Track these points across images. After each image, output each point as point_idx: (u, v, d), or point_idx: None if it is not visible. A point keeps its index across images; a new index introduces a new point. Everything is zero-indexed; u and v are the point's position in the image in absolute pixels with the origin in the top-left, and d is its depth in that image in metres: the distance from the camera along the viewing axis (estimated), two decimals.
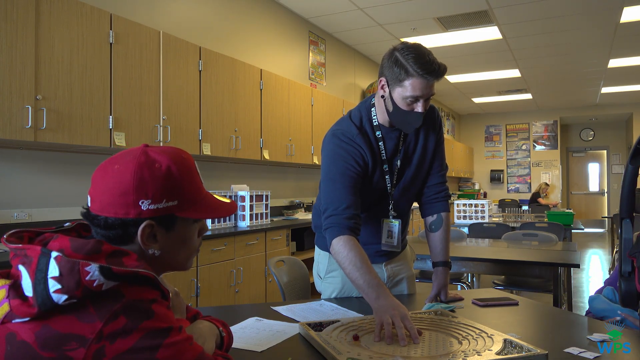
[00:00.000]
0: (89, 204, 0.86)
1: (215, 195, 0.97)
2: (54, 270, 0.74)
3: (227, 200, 0.98)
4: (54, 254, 0.75)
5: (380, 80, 1.58)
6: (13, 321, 0.75)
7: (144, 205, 0.84)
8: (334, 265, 1.82)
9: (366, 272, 1.45)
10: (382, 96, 1.60)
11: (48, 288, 0.73)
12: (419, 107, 1.54)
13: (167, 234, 0.89)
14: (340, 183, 1.59)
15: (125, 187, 0.83)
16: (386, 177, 1.70)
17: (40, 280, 0.74)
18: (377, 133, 1.68)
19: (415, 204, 1.89)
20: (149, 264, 0.88)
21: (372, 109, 1.69)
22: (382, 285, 1.43)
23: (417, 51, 1.50)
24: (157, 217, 0.86)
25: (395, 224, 1.74)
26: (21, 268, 0.77)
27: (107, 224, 0.84)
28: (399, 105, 1.55)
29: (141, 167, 0.84)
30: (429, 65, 1.48)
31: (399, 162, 1.71)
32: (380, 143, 1.68)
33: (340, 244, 1.52)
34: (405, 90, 1.51)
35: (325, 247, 1.85)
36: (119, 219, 0.83)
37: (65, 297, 0.73)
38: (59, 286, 0.73)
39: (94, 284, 0.74)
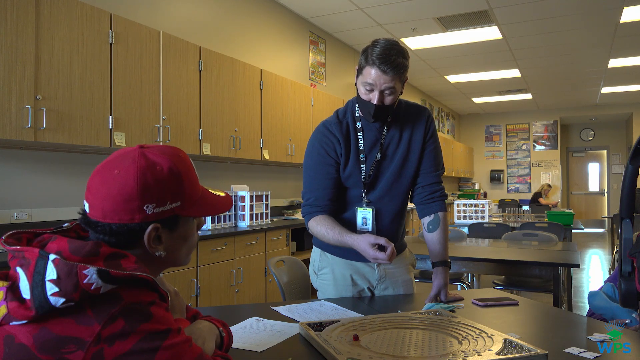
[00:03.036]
0: (87, 210, 0.85)
1: (210, 190, 0.97)
2: (51, 273, 0.74)
3: (222, 194, 0.99)
4: (52, 256, 0.75)
5: (356, 69, 1.70)
6: (11, 323, 0.74)
7: (149, 209, 0.83)
8: (324, 262, 1.85)
9: (335, 233, 1.66)
10: (356, 83, 1.70)
11: (45, 291, 0.73)
12: (374, 99, 1.62)
13: (171, 234, 0.89)
14: (314, 174, 1.75)
15: (129, 193, 0.82)
16: (362, 166, 1.74)
17: (37, 283, 0.74)
18: (358, 124, 1.76)
19: (413, 205, 1.89)
20: (150, 264, 0.88)
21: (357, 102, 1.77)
22: (346, 235, 1.63)
23: (385, 45, 1.58)
24: (162, 219, 0.86)
25: (369, 211, 1.76)
26: (19, 270, 0.77)
27: (112, 231, 0.83)
28: (360, 94, 1.66)
29: (143, 171, 0.83)
30: (383, 57, 1.55)
31: (378, 155, 1.75)
32: (359, 134, 1.75)
33: (314, 223, 1.73)
34: (363, 77, 1.62)
35: (318, 244, 1.87)
36: (124, 225, 0.83)
37: (62, 300, 0.73)
38: (56, 289, 0.73)
39: (92, 287, 0.74)
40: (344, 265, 1.83)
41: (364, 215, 1.76)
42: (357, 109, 1.76)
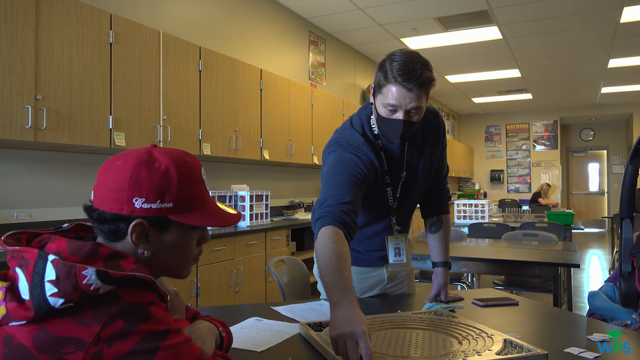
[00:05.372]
0: (92, 198, 0.87)
1: (220, 205, 0.94)
2: (50, 273, 0.74)
3: (233, 212, 0.94)
4: (51, 257, 0.75)
5: (370, 86, 1.52)
6: (10, 324, 0.74)
7: (137, 203, 0.83)
8: None
9: (336, 270, 1.23)
10: (372, 103, 1.52)
11: (45, 292, 0.73)
12: (399, 116, 1.43)
13: (161, 236, 0.87)
14: (346, 179, 1.45)
15: (121, 183, 0.83)
16: (387, 189, 1.63)
17: (37, 283, 0.74)
18: (378, 142, 1.59)
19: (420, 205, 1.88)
20: (146, 266, 0.88)
21: (372, 117, 1.59)
22: (347, 289, 1.18)
23: (406, 58, 1.38)
24: (150, 217, 0.84)
25: (402, 239, 1.68)
26: (18, 271, 0.77)
27: (101, 217, 0.84)
28: (380, 113, 1.47)
29: (140, 165, 0.84)
30: (407, 73, 1.35)
31: (404, 175, 1.63)
32: (381, 152, 1.59)
33: (326, 234, 1.32)
34: (384, 97, 1.42)
35: None
36: (111, 214, 0.83)
37: (61, 300, 0.73)
38: (55, 290, 0.73)
39: (91, 288, 0.74)
40: (355, 273, 1.74)
41: (397, 245, 1.67)
42: (374, 126, 1.58)
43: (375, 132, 1.58)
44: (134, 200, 0.83)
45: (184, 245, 0.90)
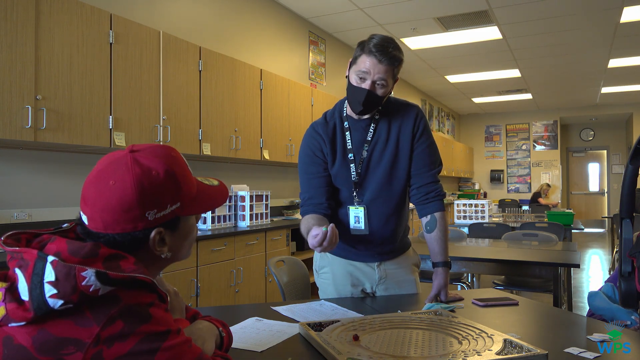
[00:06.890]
0: (86, 222, 0.84)
1: (202, 181, 0.97)
2: (50, 274, 0.74)
3: (216, 183, 0.99)
4: (50, 258, 0.75)
5: (350, 63, 1.70)
6: (10, 325, 0.74)
7: (150, 215, 0.83)
8: (325, 261, 1.87)
9: (306, 229, 1.61)
10: (347, 76, 1.71)
11: (44, 293, 0.73)
12: (366, 86, 1.62)
13: (173, 234, 0.90)
14: (306, 175, 1.79)
15: (129, 203, 0.81)
16: (351, 165, 1.75)
17: (36, 284, 0.74)
18: (345, 123, 1.78)
19: (413, 205, 1.88)
20: (152, 264, 0.89)
21: (346, 101, 1.79)
22: (308, 230, 1.56)
23: (382, 38, 1.62)
24: (164, 222, 0.86)
25: (360, 209, 1.76)
26: (18, 271, 0.77)
27: (116, 241, 0.83)
28: (352, 82, 1.66)
29: (140, 179, 0.82)
30: (380, 47, 1.58)
31: (364, 153, 1.76)
32: (347, 133, 1.77)
33: (301, 223, 1.73)
34: (357, 66, 1.63)
35: None
36: (128, 234, 0.83)
37: (61, 302, 0.73)
38: (54, 291, 0.73)
39: (90, 289, 0.74)
40: (343, 265, 1.83)
41: (356, 214, 1.77)
42: (345, 109, 1.79)
43: (345, 114, 1.79)
44: (146, 214, 0.83)
45: (190, 232, 0.95)
